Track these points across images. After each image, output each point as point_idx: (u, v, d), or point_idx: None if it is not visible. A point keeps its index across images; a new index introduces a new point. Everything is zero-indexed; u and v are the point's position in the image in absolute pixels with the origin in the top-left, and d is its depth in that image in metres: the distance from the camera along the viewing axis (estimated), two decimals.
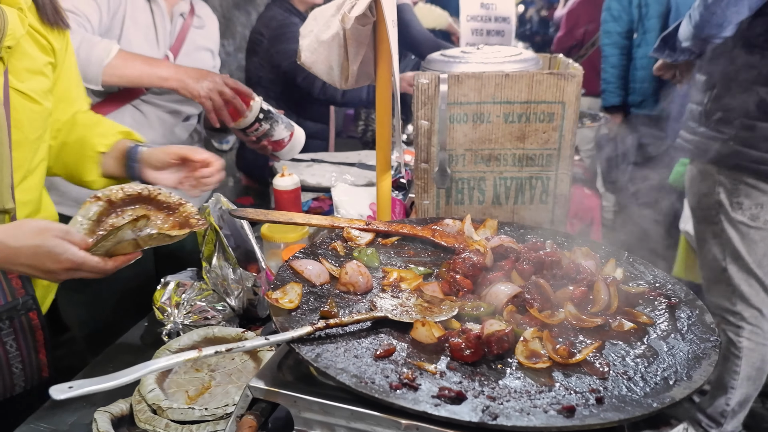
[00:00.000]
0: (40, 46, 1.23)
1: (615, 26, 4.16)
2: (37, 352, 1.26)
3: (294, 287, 0.97)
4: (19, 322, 1.21)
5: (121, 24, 1.81)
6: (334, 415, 0.81)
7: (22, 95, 1.18)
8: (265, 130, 1.91)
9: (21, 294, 1.20)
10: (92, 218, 1.16)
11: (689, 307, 0.98)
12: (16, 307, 1.19)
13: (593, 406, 0.73)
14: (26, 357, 1.24)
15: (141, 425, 0.99)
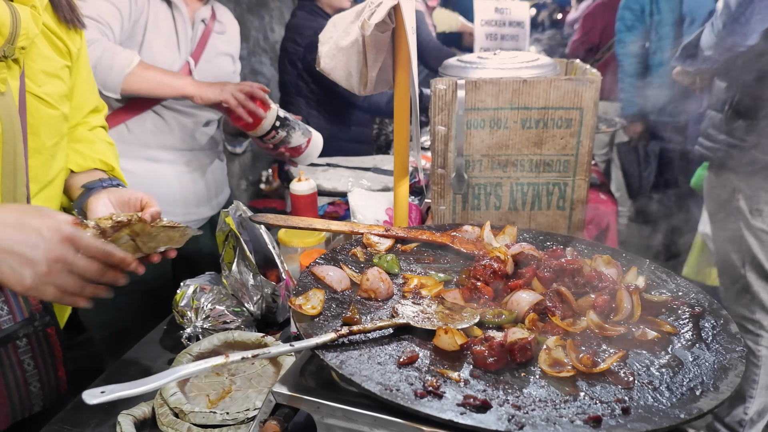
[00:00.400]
0: (56, 49, 1.19)
1: (629, 36, 4.15)
2: (56, 369, 1.22)
3: (317, 293, 0.97)
4: (36, 338, 1.17)
5: (143, 30, 1.83)
6: (356, 422, 0.82)
7: (39, 100, 1.13)
8: (282, 137, 1.93)
9: (38, 309, 1.16)
10: None
11: (714, 317, 0.97)
12: (33, 324, 1.15)
13: (620, 416, 0.72)
14: (44, 375, 1.20)
15: (163, 429, 1.00)
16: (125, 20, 1.78)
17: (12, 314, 1.12)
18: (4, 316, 1.11)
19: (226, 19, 2.14)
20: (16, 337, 1.13)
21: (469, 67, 1.71)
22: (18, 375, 1.15)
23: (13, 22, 1.00)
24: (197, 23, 1.95)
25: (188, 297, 1.38)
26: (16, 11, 1.01)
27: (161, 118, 1.95)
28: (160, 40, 1.87)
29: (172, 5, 1.88)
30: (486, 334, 0.89)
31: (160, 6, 1.85)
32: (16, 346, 1.14)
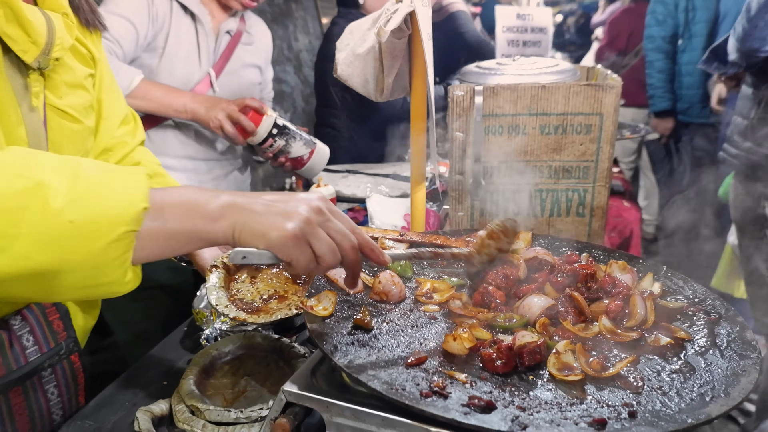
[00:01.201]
0: (80, 57, 1.11)
1: (659, 30, 4.08)
2: (78, 395, 1.19)
3: (328, 296, 0.99)
4: (62, 368, 1.13)
5: (164, 40, 1.87)
6: (365, 422, 0.83)
7: (61, 113, 1.05)
8: (280, 146, 1.92)
9: (63, 338, 1.12)
10: (222, 286, 1.22)
11: (729, 323, 0.96)
12: (59, 353, 1.11)
13: (625, 420, 0.72)
14: (66, 403, 1.16)
15: (180, 425, 1.02)
16: (141, 36, 1.82)
17: (38, 344, 1.08)
18: (30, 347, 1.06)
19: (256, 30, 2.17)
20: (42, 369, 1.08)
21: (488, 74, 1.72)
22: (42, 406, 1.11)
23: (49, 31, 0.95)
24: (221, 35, 1.99)
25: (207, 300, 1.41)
26: (50, 20, 0.96)
27: (182, 127, 1.99)
28: (181, 52, 1.91)
29: (195, 18, 1.92)
30: (495, 338, 0.90)
31: (183, 18, 1.90)
32: (41, 376, 1.09)
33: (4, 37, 0.90)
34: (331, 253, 0.83)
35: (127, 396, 1.22)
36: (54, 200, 0.69)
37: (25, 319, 1.06)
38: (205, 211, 0.80)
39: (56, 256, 0.70)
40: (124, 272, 0.76)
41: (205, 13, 1.94)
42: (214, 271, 1.22)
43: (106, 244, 0.72)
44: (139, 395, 1.22)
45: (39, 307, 1.08)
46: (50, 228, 0.69)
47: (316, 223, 0.82)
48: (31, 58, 0.94)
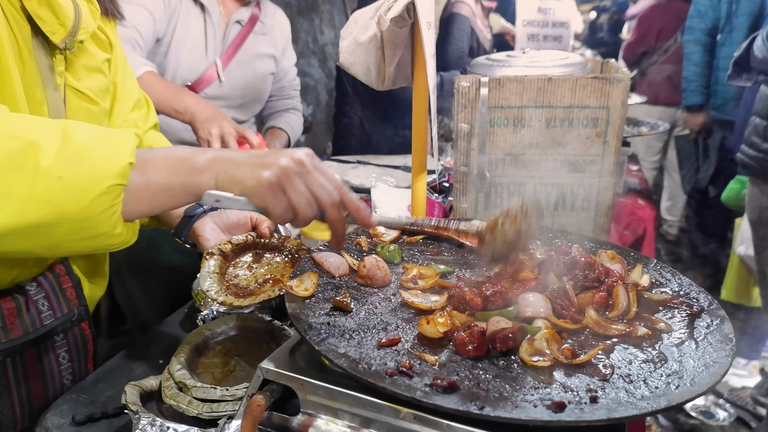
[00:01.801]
0: (99, 42, 1.19)
1: (699, 22, 3.98)
2: (86, 362, 1.25)
3: (311, 276, 1.01)
4: (73, 334, 1.20)
5: (172, 31, 1.90)
6: (338, 400, 0.84)
7: (79, 94, 1.11)
8: None
9: (75, 305, 1.19)
10: (216, 272, 1.24)
11: (711, 317, 0.95)
12: (71, 319, 1.18)
13: (586, 404, 0.73)
14: (77, 369, 1.23)
15: (167, 400, 1.05)
16: (158, 22, 1.85)
17: (52, 309, 1.15)
18: (45, 311, 1.14)
19: (272, 20, 2.17)
20: (55, 333, 1.16)
21: (496, 66, 1.71)
22: (54, 369, 1.18)
23: (76, 15, 1.03)
24: (231, 25, 2.01)
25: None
26: (77, 5, 1.04)
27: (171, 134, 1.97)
28: (188, 42, 1.93)
29: (205, 10, 1.95)
30: (470, 323, 0.91)
31: (192, 8, 1.93)
32: (54, 341, 1.17)
33: (36, 18, 0.98)
34: (307, 204, 0.85)
35: (124, 372, 1.26)
36: (44, 158, 0.74)
37: (40, 286, 1.13)
38: (190, 165, 0.84)
39: (48, 210, 0.75)
40: (113, 225, 0.80)
41: (215, 3, 1.97)
42: (209, 258, 1.25)
43: (94, 197, 0.76)
44: (135, 372, 1.26)
45: (53, 275, 1.16)
46: (41, 184, 0.74)
47: (294, 174, 0.83)
48: (59, 38, 1.02)
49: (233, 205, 0.84)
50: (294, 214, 0.85)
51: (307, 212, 0.85)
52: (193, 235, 1.31)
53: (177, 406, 1.04)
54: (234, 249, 1.27)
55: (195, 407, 1.03)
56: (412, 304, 0.98)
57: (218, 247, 1.28)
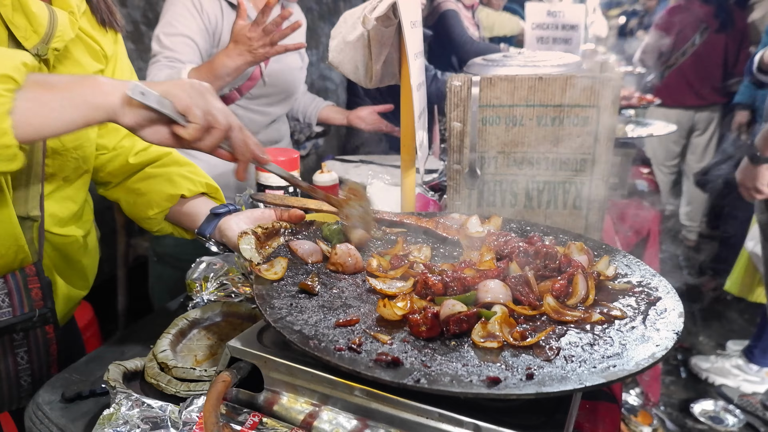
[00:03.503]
0: (92, 52, 1.20)
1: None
2: (49, 367, 1.24)
3: (280, 261, 1.06)
4: (34, 335, 1.19)
5: (218, 41, 2.01)
6: (298, 377, 0.89)
7: None
8: None
9: (39, 306, 1.18)
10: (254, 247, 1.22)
11: (665, 305, 0.97)
12: (32, 319, 1.17)
13: (521, 381, 0.76)
14: (37, 372, 1.22)
15: (148, 379, 1.11)
16: (202, 49, 1.98)
17: (12, 307, 1.15)
18: (5, 308, 1.14)
19: (294, 18, 2.27)
20: (13, 330, 1.15)
21: (491, 65, 1.74)
22: (10, 366, 1.18)
23: (50, 22, 1.05)
24: None
25: (200, 271, 1.51)
26: (54, 13, 1.07)
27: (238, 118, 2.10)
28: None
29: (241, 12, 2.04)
30: (426, 306, 0.94)
31: (231, 14, 2.02)
32: (12, 338, 1.17)
33: (10, 25, 1.03)
34: (223, 114, 0.99)
35: (115, 355, 1.32)
36: None
37: (6, 283, 1.14)
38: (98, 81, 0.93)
39: None
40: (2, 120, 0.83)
41: (251, 6, 2.07)
42: (244, 236, 1.21)
43: None
44: (126, 355, 1.32)
45: (22, 274, 1.17)
46: None
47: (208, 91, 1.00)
48: (31, 44, 1.06)
49: (156, 103, 0.91)
50: (211, 122, 0.97)
51: (223, 122, 0.99)
52: (219, 232, 1.32)
53: (157, 385, 1.10)
54: (264, 233, 1.26)
55: (174, 386, 1.09)
56: (377, 289, 1.02)
57: (251, 229, 1.29)
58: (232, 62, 1.87)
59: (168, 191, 1.37)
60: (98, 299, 2.35)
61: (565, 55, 1.84)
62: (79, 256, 1.36)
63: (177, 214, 1.40)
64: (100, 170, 1.40)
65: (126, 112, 0.94)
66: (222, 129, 1.00)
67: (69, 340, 1.42)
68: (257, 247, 1.22)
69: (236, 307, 1.34)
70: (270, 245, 1.24)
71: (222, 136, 1.01)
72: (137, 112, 0.95)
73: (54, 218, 1.23)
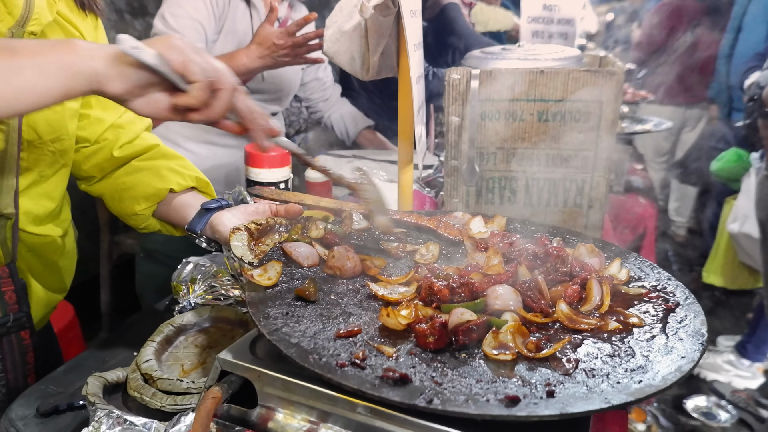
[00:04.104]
0: (69, 36, 1.12)
1: None
2: (26, 376, 1.19)
3: (274, 265, 0.98)
4: (9, 341, 1.13)
5: (221, 28, 1.95)
6: (294, 393, 0.82)
7: None
8: None
9: (14, 310, 1.12)
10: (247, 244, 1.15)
11: (686, 311, 0.91)
12: (6, 324, 1.11)
13: (542, 399, 0.69)
14: (12, 380, 1.17)
15: (131, 392, 1.04)
16: (209, 30, 1.91)
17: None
18: None
19: (300, 15, 2.22)
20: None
21: (490, 58, 1.68)
22: None
23: (27, 4, 0.99)
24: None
25: (187, 273, 1.43)
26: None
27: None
28: (235, 41, 1.97)
29: (250, 4, 1.97)
30: (434, 315, 0.88)
31: (239, 6, 1.95)
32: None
33: None
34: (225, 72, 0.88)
35: (96, 363, 1.24)
36: None
37: None
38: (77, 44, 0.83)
39: None
40: None
41: (261, 3, 2.01)
42: (236, 232, 1.14)
43: None
44: (107, 363, 1.25)
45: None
46: None
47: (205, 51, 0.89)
48: (6, 27, 0.99)
49: (153, 59, 0.80)
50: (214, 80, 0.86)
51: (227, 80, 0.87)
52: (210, 228, 1.24)
53: (140, 399, 1.02)
54: (258, 228, 1.19)
55: (159, 399, 1.01)
56: (379, 295, 0.96)
57: (243, 225, 1.19)
58: (251, 63, 1.84)
59: (156, 185, 1.28)
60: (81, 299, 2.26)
61: (565, 49, 1.79)
62: (56, 257, 1.28)
63: (165, 210, 1.31)
64: (81, 164, 1.31)
65: (113, 77, 0.82)
66: (228, 89, 0.88)
67: (45, 346, 1.34)
68: (250, 245, 1.15)
69: (226, 311, 1.27)
70: (264, 242, 1.17)
71: (230, 98, 0.89)
72: (128, 76, 0.83)
73: (29, 216, 1.16)
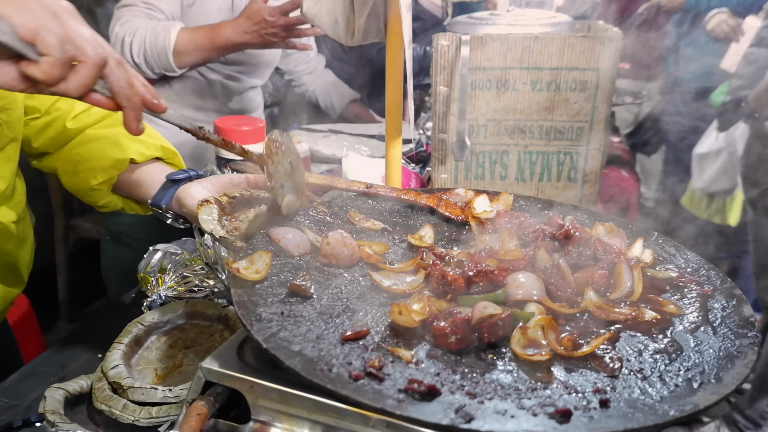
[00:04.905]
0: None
1: None
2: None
3: (262, 256, 0.85)
4: None
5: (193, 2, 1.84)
6: (294, 405, 0.70)
7: None
8: None
9: None
10: (217, 219, 1.02)
11: (725, 297, 0.82)
12: None
13: (595, 410, 0.59)
14: None
15: (98, 405, 0.90)
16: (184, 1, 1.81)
17: None
18: None
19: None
20: None
21: (479, 24, 1.57)
22: None
23: None
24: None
25: (155, 262, 1.28)
26: None
27: (205, 79, 1.93)
28: (214, 4, 1.86)
29: None
30: (453, 310, 0.77)
31: None
32: None
33: None
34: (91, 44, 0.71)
35: (55, 369, 1.10)
36: None
37: None
38: None
39: None
40: None
41: None
42: (205, 205, 1.02)
43: None
44: (68, 369, 1.10)
45: None
46: None
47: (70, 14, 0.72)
48: None
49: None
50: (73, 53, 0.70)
51: (90, 53, 0.71)
52: (177, 202, 1.10)
53: (109, 412, 0.88)
54: (230, 202, 1.06)
55: (131, 413, 0.88)
56: (384, 287, 0.84)
57: (213, 197, 1.06)
58: (236, 37, 1.73)
59: (114, 156, 1.13)
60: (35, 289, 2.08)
61: (556, 14, 1.69)
62: (11, 247, 1.12)
63: (127, 184, 1.16)
64: (33, 140, 1.14)
65: None
66: (91, 63, 0.73)
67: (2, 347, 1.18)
68: (221, 219, 1.02)
69: (202, 306, 1.13)
70: (237, 218, 1.03)
71: (93, 73, 0.74)
72: None
73: None
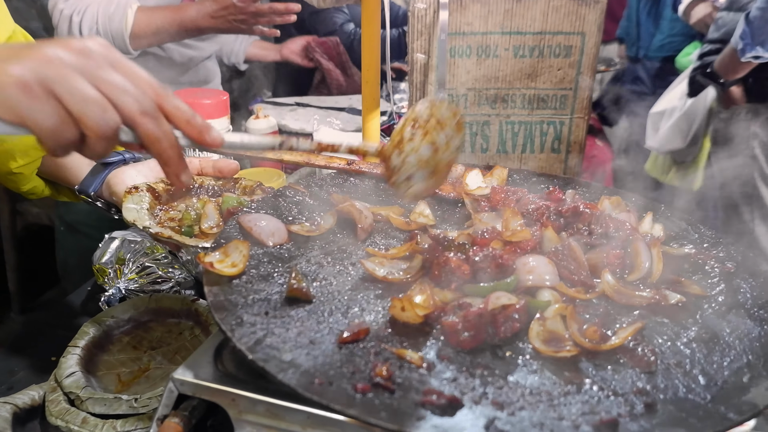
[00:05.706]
0: None
1: None
2: None
3: (239, 247, 0.73)
4: None
5: None
6: (285, 419, 0.60)
7: None
8: None
9: None
10: (146, 208, 0.92)
11: (750, 275, 0.76)
12: None
13: (642, 416, 0.51)
14: None
15: (52, 419, 0.78)
16: None
17: None
18: None
19: None
20: None
21: None
22: None
23: None
24: None
25: (112, 252, 1.15)
26: None
27: (164, 52, 1.81)
28: None
29: None
30: (461, 302, 0.67)
31: None
32: None
33: None
34: (97, 108, 0.54)
35: (2, 377, 0.97)
36: None
37: None
38: None
39: None
40: None
41: None
42: (134, 192, 0.92)
43: None
44: (16, 376, 0.98)
45: None
46: None
47: (70, 67, 0.54)
48: None
49: None
50: (77, 127, 0.54)
51: (98, 122, 0.54)
52: (108, 188, 0.98)
53: (66, 428, 0.77)
54: (167, 189, 0.96)
55: (91, 427, 0.76)
56: (379, 276, 0.74)
57: (146, 183, 0.95)
58: (201, 21, 1.61)
59: None
60: None
61: None
62: None
63: (53, 167, 1.05)
64: None
65: None
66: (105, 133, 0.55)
67: None
68: (153, 209, 0.92)
69: (168, 300, 1.01)
70: (175, 207, 0.92)
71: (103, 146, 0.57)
72: None
73: None
